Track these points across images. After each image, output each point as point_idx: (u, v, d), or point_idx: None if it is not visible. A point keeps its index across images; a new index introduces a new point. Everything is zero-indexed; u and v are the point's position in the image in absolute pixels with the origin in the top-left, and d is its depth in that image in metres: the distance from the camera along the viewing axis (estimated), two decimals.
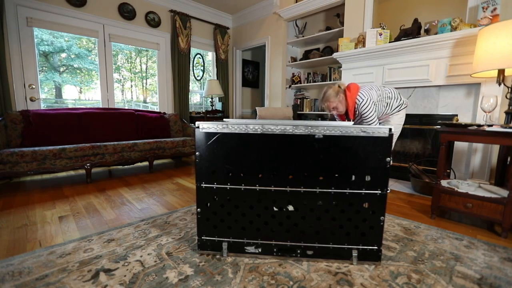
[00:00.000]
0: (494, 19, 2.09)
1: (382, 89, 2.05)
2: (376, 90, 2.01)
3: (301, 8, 3.80)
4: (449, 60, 2.38)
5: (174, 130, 3.92)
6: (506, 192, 1.61)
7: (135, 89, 4.57)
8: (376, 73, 2.87)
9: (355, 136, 1.18)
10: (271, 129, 1.22)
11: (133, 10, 3.81)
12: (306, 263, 1.27)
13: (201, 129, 1.24)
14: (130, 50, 4.31)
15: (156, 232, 1.59)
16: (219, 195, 1.29)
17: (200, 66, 5.01)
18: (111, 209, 2.01)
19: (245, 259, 1.30)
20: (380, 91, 2.03)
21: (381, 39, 2.77)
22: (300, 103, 4.32)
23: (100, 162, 2.77)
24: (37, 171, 2.41)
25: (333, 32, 3.64)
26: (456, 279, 1.15)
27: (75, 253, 1.35)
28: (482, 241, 1.50)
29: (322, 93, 2.06)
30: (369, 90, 1.98)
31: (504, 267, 1.25)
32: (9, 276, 1.15)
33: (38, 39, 3.22)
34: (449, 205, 1.76)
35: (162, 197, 2.30)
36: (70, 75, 3.76)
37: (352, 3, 3.15)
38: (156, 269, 1.21)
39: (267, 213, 1.28)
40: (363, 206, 1.24)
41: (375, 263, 1.26)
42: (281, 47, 4.25)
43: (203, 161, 1.27)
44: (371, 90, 1.99)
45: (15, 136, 2.67)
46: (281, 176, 1.25)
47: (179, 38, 4.21)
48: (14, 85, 2.96)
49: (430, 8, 2.88)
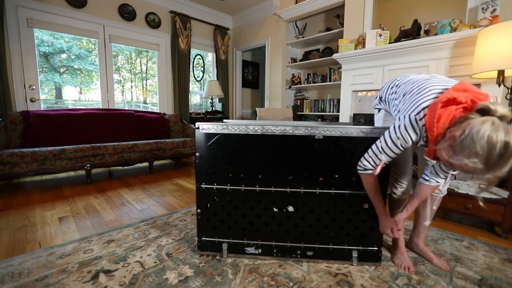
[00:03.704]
0: (494, 20, 2.09)
1: None
2: None
3: (301, 9, 3.80)
4: (449, 61, 2.38)
5: (174, 131, 3.92)
6: (506, 193, 1.61)
7: (135, 89, 4.57)
8: (376, 74, 2.87)
9: (355, 137, 1.18)
10: (271, 130, 1.22)
11: (133, 11, 3.82)
12: (306, 264, 1.27)
13: (201, 129, 1.24)
14: (130, 51, 4.31)
15: (156, 233, 1.59)
16: (219, 196, 1.29)
17: (200, 67, 5.02)
18: (111, 210, 2.00)
19: (245, 260, 1.30)
20: None
21: (381, 40, 2.77)
22: (300, 104, 4.32)
23: (100, 162, 2.77)
24: (37, 171, 2.41)
25: (333, 33, 3.65)
26: (457, 280, 1.15)
27: (75, 254, 1.34)
28: (483, 242, 1.50)
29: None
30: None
31: (504, 268, 1.25)
32: (8, 277, 1.15)
33: (38, 40, 3.23)
34: (449, 206, 1.75)
35: (162, 198, 2.30)
36: (70, 76, 3.77)
37: (352, 4, 3.16)
38: (156, 270, 1.20)
39: (267, 213, 1.28)
40: (363, 207, 1.24)
41: (375, 264, 1.26)
42: (281, 48, 4.25)
43: (203, 161, 1.27)
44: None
45: (15, 137, 2.67)
46: (281, 176, 1.25)
47: (179, 39, 4.21)
48: (14, 86, 2.96)
49: (430, 9, 2.89)
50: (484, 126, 0.72)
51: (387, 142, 0.99)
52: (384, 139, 1.00)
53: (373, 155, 1.04)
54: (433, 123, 0.83)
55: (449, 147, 0.79)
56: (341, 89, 3.20)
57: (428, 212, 1.24)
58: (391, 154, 1.00)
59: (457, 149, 0.77)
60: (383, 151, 1.01)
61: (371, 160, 1.05)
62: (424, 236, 1.36)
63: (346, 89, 3.14)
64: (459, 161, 0.77)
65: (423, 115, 0.89)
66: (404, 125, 0.94)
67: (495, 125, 0.71)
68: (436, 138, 0.84)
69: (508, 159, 0.71)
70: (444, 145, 0.81)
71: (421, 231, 1.35)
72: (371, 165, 1.05)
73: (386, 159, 1.02)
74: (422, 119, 0.90)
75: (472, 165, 0.75)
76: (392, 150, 0.99)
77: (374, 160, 1.04)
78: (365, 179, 1.11)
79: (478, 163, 0.74)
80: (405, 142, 0.95)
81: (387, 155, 1.01)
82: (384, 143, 1.00)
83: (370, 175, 1.08)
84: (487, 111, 0.75)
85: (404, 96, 1.04)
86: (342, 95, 3.19)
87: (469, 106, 0.81)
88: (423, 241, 1.36)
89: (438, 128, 0.83)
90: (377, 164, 1.04)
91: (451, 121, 0.81)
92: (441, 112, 0.82)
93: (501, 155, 0.71)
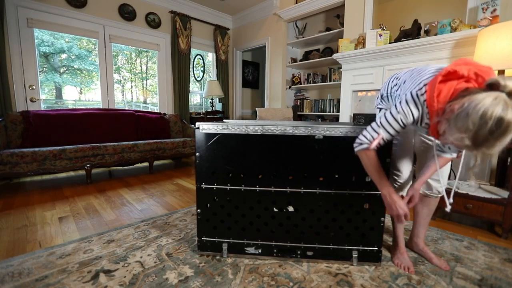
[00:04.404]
0: (494, 20, 2.09)
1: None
2: None
3: (301, 9, 3.80)
4: (449, 61, 2.38)
5: (174, 131, 3.92)
6: (506, 193, 1.61)
7: (135, 89, 4.58)
8: (376, 74, 2.87)
9: (355, 137, 1.18)
10: (271, 130, 1.22)
11: (133, 11, 3.82)
12: (306, 264, 1.27)
13: (201, 129, 1.24)
14: (130, 51, 4.31)
15: (156, 233, 1.59)
16: (219, 196, 1.29)
17: (200, 67, 5.02)
18: (111, 210, 2.00)
19: (245, 260, 1.30)
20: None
21: (381, 40, 2.77)
22: (300, 104, 4.32)
23: (100, 162, 2.77)
24: (37, 171, 2.41)
25: (333, 33, 3.65)
26: (457, 280, 1.15)
27: (75, 254, 1.34)
28: (483, 242, 1.50)
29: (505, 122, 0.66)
30: None
31: (504, 268, 1.25)
32: (8, 277, 1.15)
33: (38, 40, 3.23)
34: None
35: (162, 198, 2.30)
36: (70, 76, 3.77)
37: (352, 4, 3.16)
38: (156, 270, 1.20)
39: (267, 213, 1.28)
40: (363, 207, 1.24)
41: (375, 264, 1.26)
42: (281, 48, 4.25)
43: (203, 161, 1.27)
44: None
45: (15, 137, 2.67)
46: (281, 176, 1.25)
47: (179, 39, 4.21)
48: (14, 86, 2.96)
49: (430, 9, 2.89)
50: (484, 100, 0.66)
51: (387, 118, 0.96)
52: (384, 115, 0.98)
53: (371, 130, 1.00)
54: (433, 97, 0.80)
55: (445, 120, 0.76)
56: (341, 89, 3.20)
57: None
58: (390, 130, 0.96)
59: (451, 122, 0.73)
60: (382, 126, 0.97)
61: (368, 134, 1.01)
62: (424, 236, 1.36)
63: (346, 89, 3.14)
64: (451, 136, 0.74)
65: (424, 91, 0.86)
66: (405, 100, 0.91)
67: (496, 100, 0.64)
68: (437, 113, 0.81)
69: (498, 137, 0.65)
70: (442, 119, 0.78)
71: (421, 231, 1.35)
72: (367, 140, 1.01)
73: (385, 135, 0.98)
74: (423, 95, 0.86)
75: (458, 141, 0.71)
76: (392, 125, 0.95)
77: (371, 134, 1.00)
78: (362, 155, 1.05)
79: (466, 139, 0.69)
80: (405, 118, 0.91)
81: (385, 130, 0.97)
82: (384, 118, 0.97)
83: (366, 150, 1.02)
84: (496, 86, 0.68)
85: (405, 83, 1.02)
86: (342, 95, 3.19)
87: (472, 80, 0.76)
88: (423, 241, 1.36)
89: (438, 103, 0.79)
90: (374, 138, 0.99)
91: (452, 96, 0.78)
92: (441, 87, 0.80)
93: (491, 132, 0.65)
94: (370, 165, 1.05)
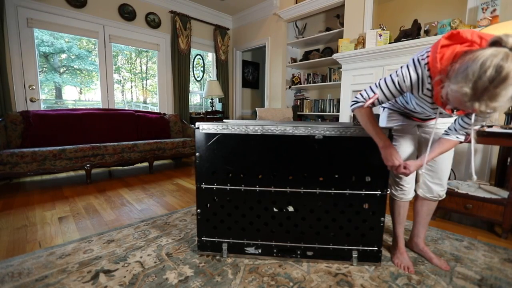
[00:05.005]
0: (494, 20, 2.09)
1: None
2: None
3: (301, 9, 3.80)
4: None
5: (174, 131, 3.92)
6: (506, 193, 1.61)
7: (135, 89, 4.57)
8: (376, 74, 2.87)
9: (355, 137, 1.18)
10: (271, 130, 1.22)
11: (133, 11, 3.82)
12: (306, 264, 1.27)
13: (201, 130, 1.24)
14: (130, 51, 4.31)
15: (156, 233, 1.59)
16: (219, 196, 1.29)
17: (200, 67, 5.02)
18: (111, 210, 2.00)
19: (245, 260, 1.30)
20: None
21: (381, 40, 2.77)
22: (300, 104, 4.32)
23: (100, 162, 2.77)
24: (37, 171, 2.41)
25: (333, 33, 3.65)
26: (457, 280, 1.15)
27: (74, 254, 1.34)
28: (482, 242, 1.50)
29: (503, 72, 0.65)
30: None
31: (504, 268, 1.25)
32: (8, 277, 1.15)
33: (38, 40, 3.23)
34: (449, 206, 1.75)
35: (162, 198, 2.30)
36: (70, 76, 3.77)
37: (352, 4, 3.16)
38: (156, 270, 1.20)
39: (267, 213, 1.28)
40: (363, 207, 1.24)
41: (375, 264, 1.26)
42: (281, 48, 4.25)
43: (203, 161, 1.27)
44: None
45: (15, 137, 2.67)
46: (281, 176, 1.25)
47: (179, 39, 4.21)
48: (14, 86, 2.96)
49: (430, 9, 2.89)
50: (484, 52, 0.66)
51: (385, 79, 1.00)
52: (383, 77, 1.01)
53: (369, 90, 1.05)
54: (435, 59, 0.80)
55: (447, 80, 0.75)
56: (341, 89, 3.20)
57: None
58: (386, 92, 1.00)
59: (452, 79, 0.73)
60: (379, 86, 1.02)
61: (364, 93, 1.06)
62: (424, 236, 1.36)
63: (346, 89, 3.14)
64: (452, 92, 0.73)
65: (426, 56, 0.86)
66: (406, 65, 0.93)
67: (496, 51, 0.65)
68: (440, 74, 0.80)
69: (498, 85, 0.64)
70: (444, 77, 0.77)
71: (421, 231, 1.35)
72: (363, 98, 1.06)
73: (380, 96, 1.02)
74: (425, 59, 0.86)
75: (459, 94, 0.70)
76: (389, 87, 0.98)
77: (368, 93, 1.05)
78: (358, 113, 1.10)
79: (466, 88, 0.68)
80: (403, 81, 0.93)
81: (382, 92, 1.01)
82: (382, 80, 1.01)
83: (361, 108, 1.08)
84: (499, 43, 0.68)
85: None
86: (342, 95, 3.19)
87: (476, 44, 0.76)
88: (423, 241, 1.36)
89: (441, 64, 0.79)
90: (370, 97, 1.04)
91: (454, 58, 0.77)
92: (444, 50, 0.80)
93: (491, 80, 0.64)
94: (365, 121, 1.08)
